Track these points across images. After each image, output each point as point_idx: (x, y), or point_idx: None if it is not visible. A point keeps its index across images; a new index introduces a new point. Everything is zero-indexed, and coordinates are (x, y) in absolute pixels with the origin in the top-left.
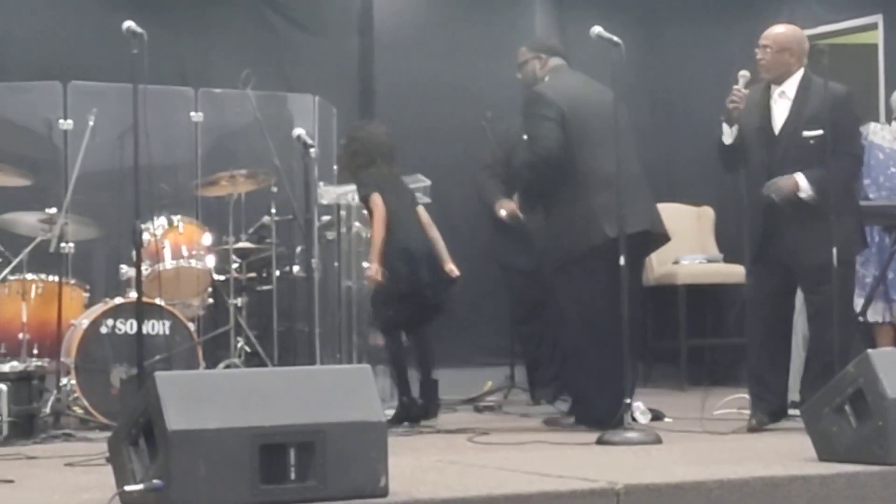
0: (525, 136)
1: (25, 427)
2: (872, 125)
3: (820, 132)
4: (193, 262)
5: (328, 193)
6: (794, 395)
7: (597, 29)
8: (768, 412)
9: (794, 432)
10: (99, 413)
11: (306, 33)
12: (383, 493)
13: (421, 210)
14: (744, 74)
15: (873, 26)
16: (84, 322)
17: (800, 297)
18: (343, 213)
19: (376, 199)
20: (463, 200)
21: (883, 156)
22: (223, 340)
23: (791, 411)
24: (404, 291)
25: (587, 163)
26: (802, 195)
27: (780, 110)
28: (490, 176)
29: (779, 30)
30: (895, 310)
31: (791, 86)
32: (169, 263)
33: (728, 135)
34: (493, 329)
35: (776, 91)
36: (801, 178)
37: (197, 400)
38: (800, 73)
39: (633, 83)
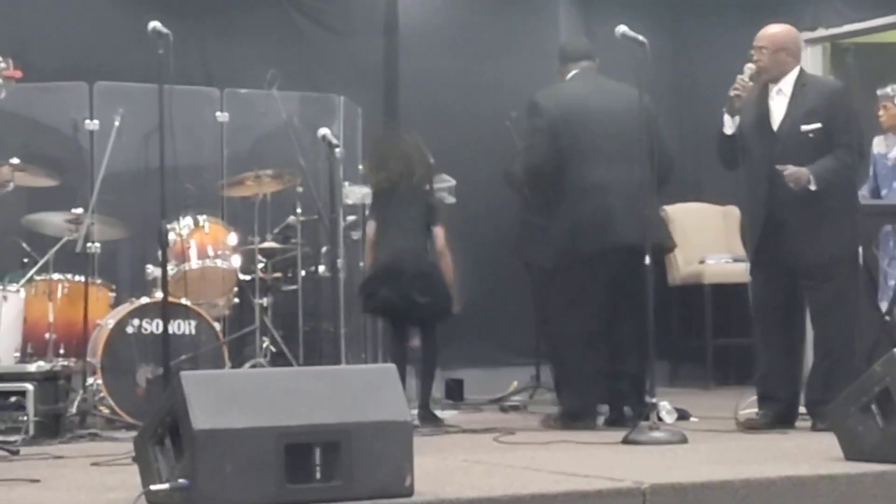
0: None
1: (52, 427)
2: (876, 139)
3: (818, 125)
4: (219, 262)
5: (353, 193)
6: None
7: (622, 28)
8: (774, 413)
9: (823, 432)
10: (125, 413)
11: (331, 33)
12: (409, 492)
13: (438, 232)
14: (750, 66)
15: None
16: (110, 322)
17: None
18: (368, 212)
19: (368, 228)
20: (487, 199)
21: (891, 163)
22: (249, 340)
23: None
24: (370, 308)
25: (577, 172)
26: (812, 187)
27: (778, 107)
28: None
29: (774, 30)
30: None
31: (788, 83)
32: (195, 263)
33: (729, 125)
34: (519, 328)
35: (773, 89)
36: (810, 173)
37: (223, 399)
38: (796, 71)
39: (657, 82)
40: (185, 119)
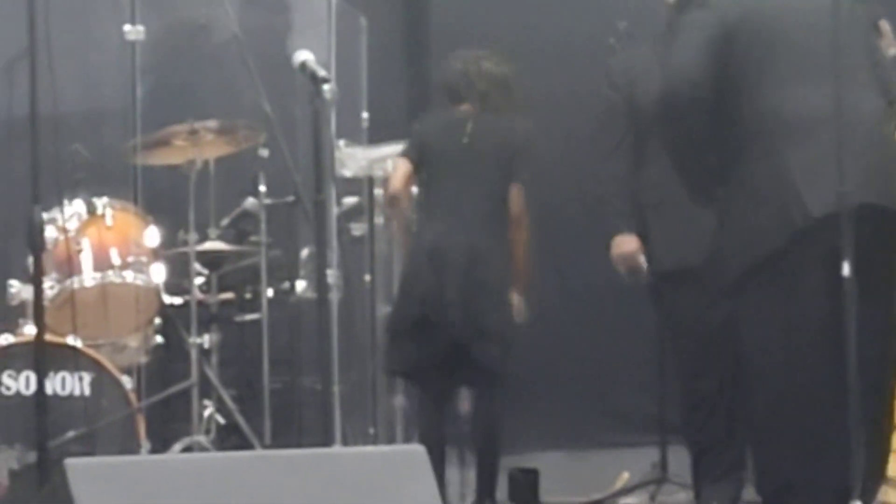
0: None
1: None
2: None
3: None
4: (130, 276)
5: (354, 159)
6: None
7: None
8: None
9: None
10: None
11: None
12: None
13: (515, 193)
14: None
15: None
16: None
17: None
18: (379, 191)
19: (396, 165)
20: (576, 167)
21: None
22: (180, 405)
23: None
24: (418, 317)
25: (773, 100)
26: None
27: None
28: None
29: None
30: None
31: None
32: (90, 278)
33: None
34: (631, 385)
35: None
36: None
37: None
38: None
39: None
40: (74, 38)
